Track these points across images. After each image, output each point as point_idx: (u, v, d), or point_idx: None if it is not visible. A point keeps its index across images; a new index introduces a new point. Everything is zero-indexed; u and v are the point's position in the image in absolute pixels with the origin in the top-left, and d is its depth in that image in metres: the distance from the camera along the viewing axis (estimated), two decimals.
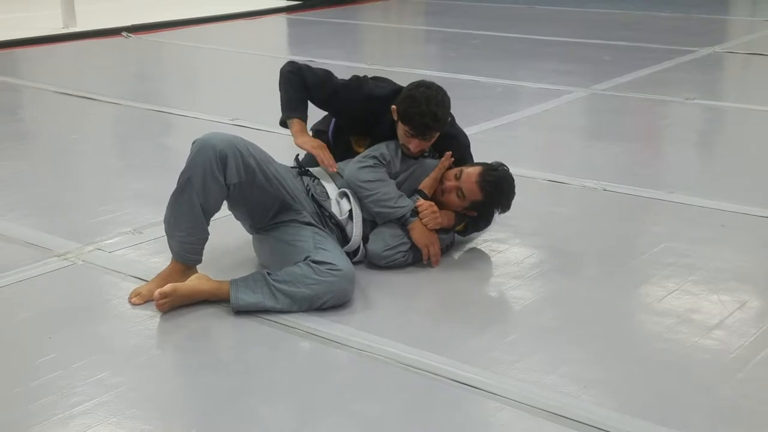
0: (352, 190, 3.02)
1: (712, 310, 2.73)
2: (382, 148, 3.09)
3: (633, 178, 4.03)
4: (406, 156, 3.13)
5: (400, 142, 3.13)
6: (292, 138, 3.24)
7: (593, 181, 3.94)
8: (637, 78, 6.23)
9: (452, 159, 3.11)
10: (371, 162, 3.03)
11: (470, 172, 3.05)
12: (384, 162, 3.05)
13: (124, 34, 8.25)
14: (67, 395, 2.25)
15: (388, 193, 2.99)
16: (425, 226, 3.00)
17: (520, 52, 7.53)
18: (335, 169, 3.10)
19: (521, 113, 5.28)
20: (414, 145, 3.08)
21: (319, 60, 7.00)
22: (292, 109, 3.26)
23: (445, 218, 3.06)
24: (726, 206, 3.62)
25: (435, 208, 3.03)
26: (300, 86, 3.24)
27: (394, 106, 3.12)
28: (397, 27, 9.76)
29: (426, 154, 3.19)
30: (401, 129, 3.09)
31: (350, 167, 3.05)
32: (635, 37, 7.98)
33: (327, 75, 3.28)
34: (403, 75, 6.22)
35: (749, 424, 2.16)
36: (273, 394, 2.29)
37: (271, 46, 8.44)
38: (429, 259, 3.02)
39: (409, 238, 3.00)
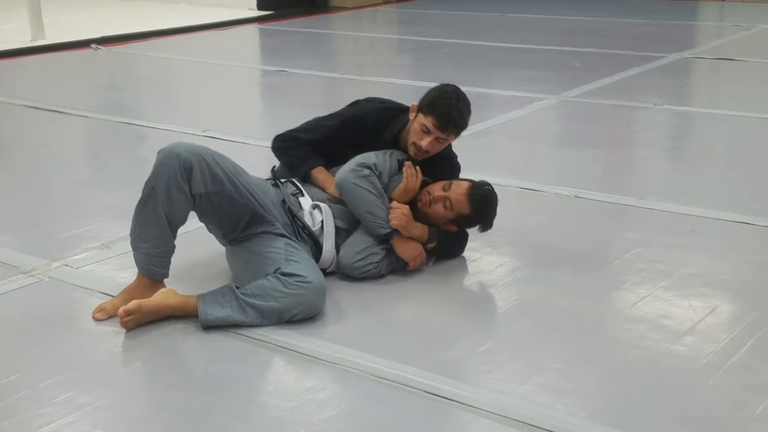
0: (343, 195, 2.96)
1: (684, 315, 2.74)
2: (372, 158, 3.01)
3: (604, 185, 4.05)
4: (397, 166, 3.08)
5: (411, 140, 3.06)
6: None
7: (565, 188, 3.95)
8: (607, 84, 6.28)
9: (416, 168, 3.05)
10: (367, 172, 2.95)
11: (460, 184, 3.06)
12: (377, 172, 2.98)
13: (93, 46, 8.17)
14: (31, 416, 2.20)
15: (381, 208, 2.94)
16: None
17: (490, 60, 7.56)
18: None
19: (492, 121, 5.29)
20: (427, 143, 3.01)
21: (291, 70, 6.99)
22: (304, 161, 3.14)
23: (418, 230, 3.03)
24: (696, 211, 3.65)
25: (406, 212, 2.99)
26: (299, 143, 3.17)
27: (414, 103, 3.09)
28: (369, 36, 9.77)
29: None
30: (419, 123, 3.02)
31: (345, 174, 2.96)
32: (605, 43, 8.05)
33: (316, 121, 3.22)
34: (376, 84, 6.23)
35: (721, 430, 2.16)
36: (243, 410, 2.26)
37: (244, 57, 8.40)
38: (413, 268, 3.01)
39: (389, 251, 2.97)
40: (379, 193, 2.95)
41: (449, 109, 2.99)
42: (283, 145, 3.22)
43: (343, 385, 2.39)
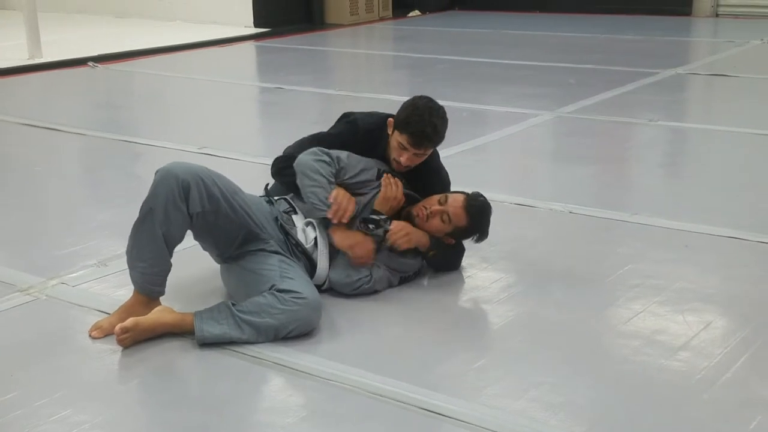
0: (297, 174, 3.00)
1: (678, 331, 2.75)
2: (341, 153, 3.06)
3: (599, 200, 4.07)
4: (372, 180, 3.10)
5: (392, 156, 3.09)
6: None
7: (560, 204, 3.97)
8: (602, 100, 6.31)
9: (395, 178, 3.08)
10: (326, 158, 2.99)
11: (456, 197, 3.08)
12: (336, 164, 3.02)
13: (90, 63, 8.21)
14: None
15: (325, 190, 2.94)
16: (398, 246, 2.99)
17: (486, 77, 7.61)
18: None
19: (488, 137, 5.32)
20: (405, 158, 3.04)
21: (288, 87, 7.03)
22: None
23: (423, 239, 3.06)
24: (690, 227, 3.67)
25: (409, 229, 3.03)
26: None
27: (390, 119, 3.11)
28: (365, 53, 9.82)
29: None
30: (395, 140, 3.05)
31: (303, 156, 3.00)
32: (600, 60, 8.10)
33: (310, 139, 3.21)
34: (372, 101, 6.26)
35: None
36: (239, 427, 2.26)
37: (240, 74, 8.44)
38: (354, 262, 2.96)
39: (381, 267, 2.99)
40: (329, 179, 2.97)
41: (422, 125, 2.99)
42: (283, 166, 3.19)
43: (337, 401, 2.39)
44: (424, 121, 2.99)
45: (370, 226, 3.00)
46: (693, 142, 5.45)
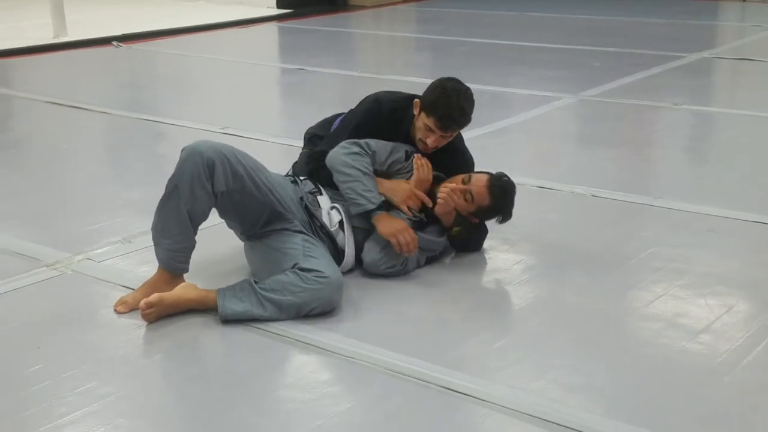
0: (332, 172, 2.99)
1: (700, 314, 2.74)
2: (370, 140, 3.06)
3: (621, 184, 4.05)
4: (401, 161, 3.11)
5: (417, 137, 3.10)
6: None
7: (582, 187, 3.96)
8: (626, 84, 6.27)
9: (424, 159, 3.08)
10: (356, 149, 2.99)
11: (480, 177, 3.08)
12: (368, 151, 3.02)
13: (114, 43, 8.25)
14: (55, 405, 2.24)
15: (364, 185, 2.94)
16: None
17: (509, 59, 7.57)
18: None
19: (511, 120, 5.30)
20: (432, 141, 3.05)
21: (310, 68, 7.03)
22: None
23: (448, 217, 3.07)
24: (714, 211, 3.64)
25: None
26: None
27: (417, 100, 3.11)
28: (387, 35, 9.79)
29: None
30: (422, 122, 3.05)
31: (334, 152, 3.00)
32: (624, 43, 8.03)
33: (337, 128, 3.25)
34: (394, 82, 6.25)
35: (736, 428, 2.17)
36: (261, 402, 2.29)
37: (263, 55, 8.45)
38: (401, 249, 2.92)
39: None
40: (364, 171, 2.96)
41: (449, 109, 2.99)
42: (315, 166, 3.14)
43: (358, 378, 2.41)
44: (452, 104, 2.99)
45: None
46: (718, 126, 5.40)
